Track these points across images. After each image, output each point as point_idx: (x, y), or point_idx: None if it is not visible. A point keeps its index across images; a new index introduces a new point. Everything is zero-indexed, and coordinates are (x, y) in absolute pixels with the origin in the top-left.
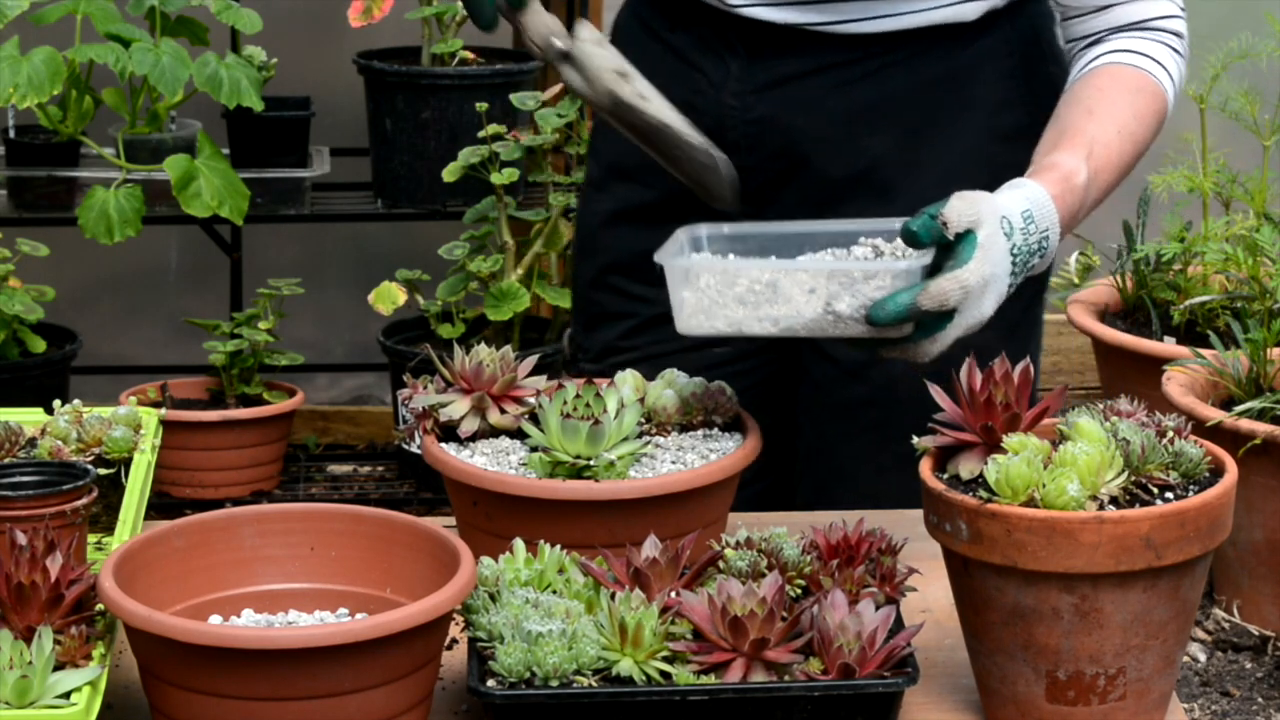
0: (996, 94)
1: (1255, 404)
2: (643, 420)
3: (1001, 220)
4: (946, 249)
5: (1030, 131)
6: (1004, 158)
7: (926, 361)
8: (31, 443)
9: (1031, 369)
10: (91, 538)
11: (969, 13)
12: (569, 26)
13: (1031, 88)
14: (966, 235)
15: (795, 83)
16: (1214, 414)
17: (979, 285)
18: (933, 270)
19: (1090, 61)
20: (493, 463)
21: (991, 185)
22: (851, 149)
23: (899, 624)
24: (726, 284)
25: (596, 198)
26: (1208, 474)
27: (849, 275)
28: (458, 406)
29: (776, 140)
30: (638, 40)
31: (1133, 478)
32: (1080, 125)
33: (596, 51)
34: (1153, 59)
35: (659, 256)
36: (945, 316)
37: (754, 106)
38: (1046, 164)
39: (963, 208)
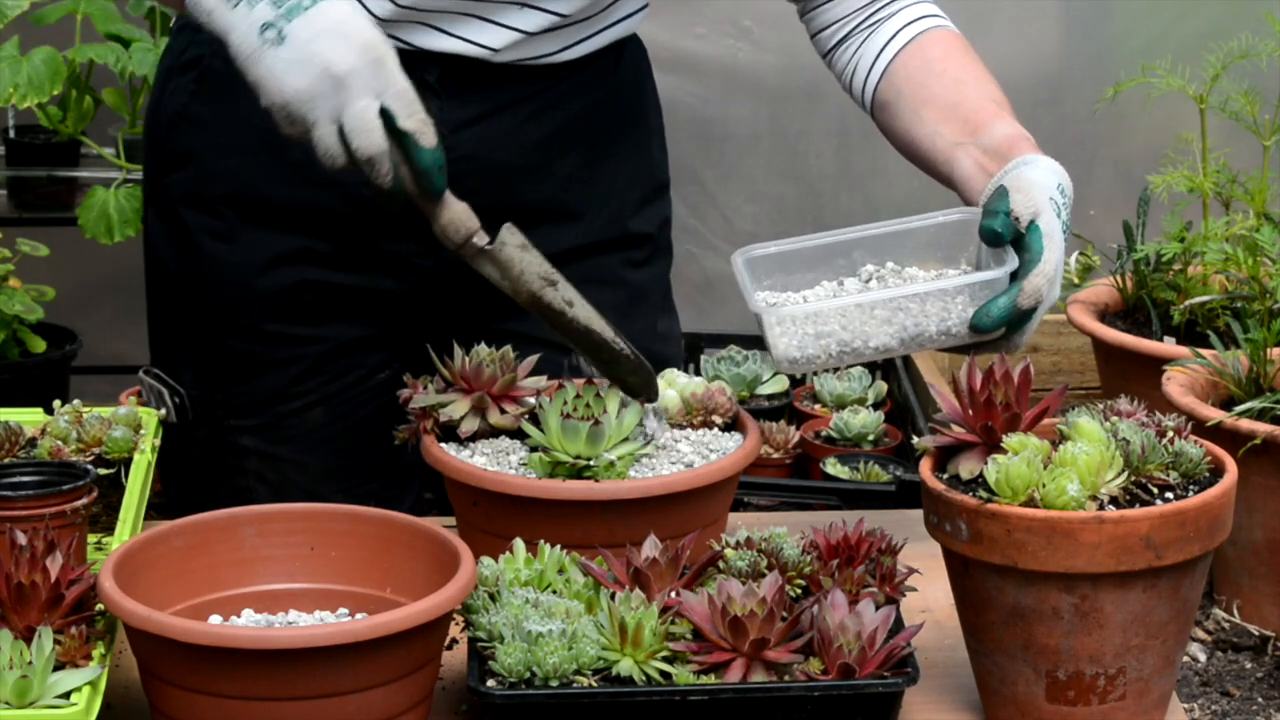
0: (643, 101)
1: (1255, 404)
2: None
3: (1051, 202)
4: (1012, 243)
5: (664, 133)
6: (660, 158)
7: (1019, 351)
8: (31, 443)
9: (1031, 369)
10: (91, 538)
11: (634, 25)
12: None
13: (655, 95)
14: (1031, 226)
15: (492, 118)
16: (1214, 414)
17: (1056, 272)
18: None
19: (892, 40)
20: (493, 463)
21: (659, 190)
22: (544, 175)
23: (899, 624)
24: (814, 332)
25: (228, 249)
26: (1208, 474)
27: (942, 293)
28: (458, 406)
29: (478, 176)
30: None
31: (1133, 478)
32: (973, 95)
33: (522, 256)
34: (936, 15)
35: (753, 305)
36: (1035, 309)
37: (456, 146)
38: (1004, 138)
39: (1022, 200)
